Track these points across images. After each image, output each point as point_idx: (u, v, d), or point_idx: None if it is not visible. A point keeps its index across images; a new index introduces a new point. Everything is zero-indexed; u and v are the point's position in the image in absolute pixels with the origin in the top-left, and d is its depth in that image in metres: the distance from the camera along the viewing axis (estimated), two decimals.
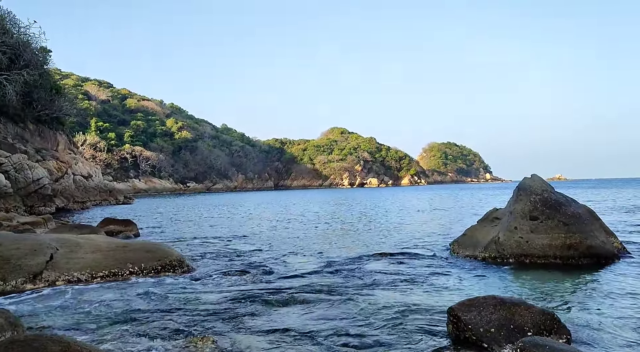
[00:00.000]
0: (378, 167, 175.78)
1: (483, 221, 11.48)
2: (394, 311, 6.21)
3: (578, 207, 10.01)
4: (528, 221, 9.66)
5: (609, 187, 78.29)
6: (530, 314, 4.66)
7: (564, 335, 4.54)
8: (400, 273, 9.04)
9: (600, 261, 9.18)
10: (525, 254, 9.41)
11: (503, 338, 4.46)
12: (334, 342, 4.96)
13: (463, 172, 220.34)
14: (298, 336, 5.25)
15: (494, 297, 4.94)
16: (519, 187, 10.44)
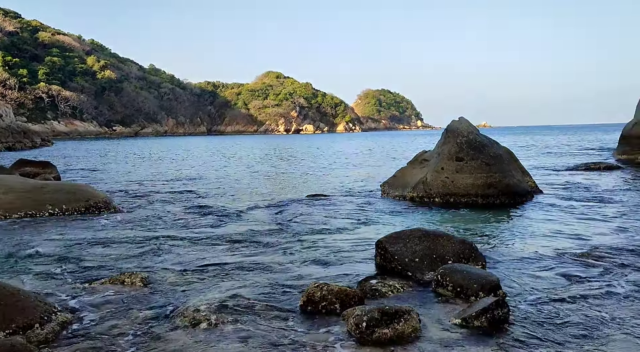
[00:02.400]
0: (314, 113, 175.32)
1: (412, 162, 11.87)
2: (326, 246, 6.37)
3: (499, 149, 10.58)
4: (454, 162, 10.10)
5: (527, 133, 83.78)
6: (451, 244, 4.94)
7: (480, 262, 4.88)
8: (332, 212, 9.24)
9: (517, 198, 9.89)
10: (450, 193, 9.91)
11: (426, 267, 4.73)
12: (267, 277, 5.02)
13: (396, 119, 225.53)
14: (230, 270, 5.26)
15: (419, 230, 5.18)
16: (447, 129, 10.80)
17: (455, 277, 4.08)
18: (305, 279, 4.90)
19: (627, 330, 3.57)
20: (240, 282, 4.85)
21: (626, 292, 4.38)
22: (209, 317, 3.74)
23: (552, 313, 3.89)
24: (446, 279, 4.13)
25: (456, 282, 4.05)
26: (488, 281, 3.99)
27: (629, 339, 3.42)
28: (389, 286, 4.36)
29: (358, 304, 3.86)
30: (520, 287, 4.54)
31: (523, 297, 4.26)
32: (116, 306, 4.13)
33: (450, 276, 4.11)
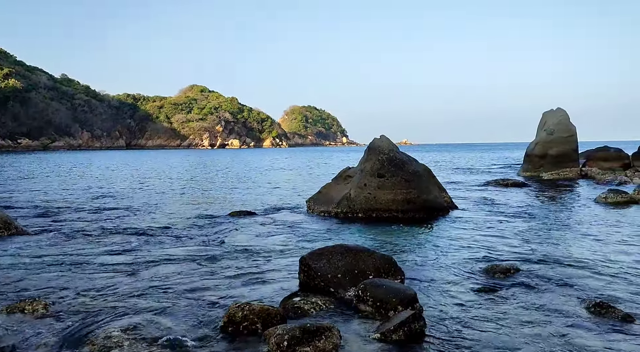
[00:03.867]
0: (240, 128, 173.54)
1: (337, 179, 12.09)
2: (250, 265, 6.26)
3: (418, 166, 11.10)
4: (376, 178, 10.43)
5: (445, 151, 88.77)
6: (372, 259, 5.06)
7: (399, 276, 5.05)
8: (257, 230, 9.13)
9: (434, 213, 10.39)
10: (372, 209, 10.20)
11: (348, 282, 4.79)
12: (187, 299, 4.82)
13: (322, 135, 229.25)
14: (146, 293, 4.98)
15: (341, 246, 5.25)
16: (369, 147, 11.16)
17: (376, 292, 4.18)
18: (228, 299, 4.77)
19: (533, 339, 3.84)
20: (157, 304, 4.62)
21: (531, 302, 4.72)
22: (122, 344, 3.51)
23: (465, 324, 4.09)
24: (367, 294, 4.21)
25: (376, 297, 4.15)
26: (406, 295, 4.13)
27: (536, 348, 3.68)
28: (312, 303, 4.36)
29: (280, 322, 3.82)
30: (436, 300, 4.74)
31: (438, 310, 4.45)
32: (14, 337, 3.75)
33: (371, 291, 4.20)
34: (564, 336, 3.83)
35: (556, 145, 20.24)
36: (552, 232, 8.60)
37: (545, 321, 4.16)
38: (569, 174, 19.54)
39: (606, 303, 4.33)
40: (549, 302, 4.67)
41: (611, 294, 4.87)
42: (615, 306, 4.34)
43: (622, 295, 4.84)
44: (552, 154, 20.24)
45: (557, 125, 20.39)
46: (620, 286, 5.17)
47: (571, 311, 4.38)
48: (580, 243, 7.56)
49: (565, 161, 20.10)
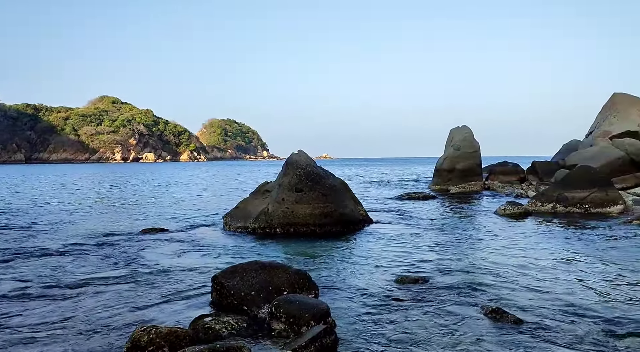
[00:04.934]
0: (155, 141, 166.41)
1: (255, 193, 11.99)
2: (160, 286, 5.98)
3: (335, 180, 11.34)
4: (294, 193, 10.49)
5: (363, 165, 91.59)
6: (287, 275, 5.06)
7: (313, 291, 5.09)
8: (169, 248, 8.77)
9: (350, 226, 10.64)
10: (290, 223, 10.22)
11: (262, 299, 4.74)
12: (89, 324, 4.48)
13: (242, 149, 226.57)
14: (44, 320, 4.56)
15: (255, 263, 5.19)
16: (287, 161, 11.22)
17: (289, 308, 4.17)
18: (133, 323, 4.50)
19: (437, 343, 4.04)
20: (57, 331, 4.25)
21: (437, 310, 4.97)
22: None
23: (375, 334, 4.22)
24: (280, 311, 4.19)
25: (289, 313, 4.14)
26: (319, 309, 4.16)
27: None
28: (224, 323, 4.25)
29: (189, 344, 3.67)
30: (349, 313, 4.84)
31: (351, 322, 4.54)
32: None
33: (284, 308, 4.18)
34: (464, 339, 4.08)
35: (462, 161, 21.70)
36: (458, 243, 9.16)
37: (449, 326, 4.41)
38: (474, 187, 21.00)
39: (501, 309, 4.69)
40: (453, 309, 4.95)
41: (507, 300, 5.27)
42: (508, 311, 4.71)
43: (515, 301, 5.26)
44: (459, 168, 21.65)
45: (462, 141, 21.89)
46: (514, 293, 5.62)
47: (472, 317, 4.68)
48: (483, 253, 8.12)
49: (470, 175, 21.58)
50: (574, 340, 4.09)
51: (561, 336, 4.19)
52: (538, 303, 5.15)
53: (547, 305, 5.08)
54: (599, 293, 5.57)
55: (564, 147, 25.76)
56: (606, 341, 4.09)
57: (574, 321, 4.56)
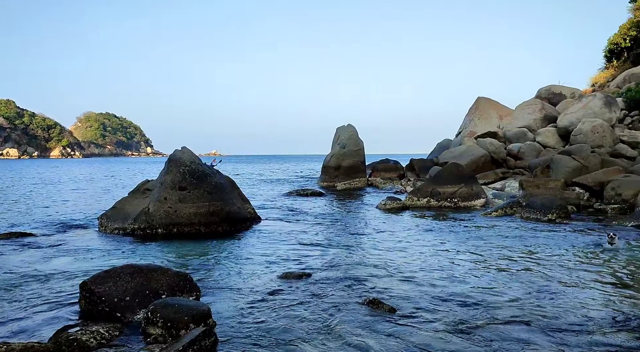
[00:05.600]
0: (19, 135, 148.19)
1: (134, 192, 11.26)
2: (20, 298, 5.33)
3: (221, 178, 11.08)
4: (177, 191, 10.04)
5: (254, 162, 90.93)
6: (166, 278, 4.82)
7: (195, 292, 4.92)
8: (34, 254, 7.86)
9: (237, 225, 10.48)
10: (173, 224, 9.76)
11: (138, 304, 4.46)
12: None
13: (123, 145, 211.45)
14: None
15: (131, 266, 4.86)
16: (170, 158, 10.70)
17: (166, 312, 3.96)
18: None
19: (319, 334, 4.14)
20: None
21: (319, 302, 5.10)
22: None
23: (258, 331, 4.20)
24: (156, 315, 3.96)
25: (167, 317, 3.94)
26: (199, 311, 4.02)
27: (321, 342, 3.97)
28: (92, 333, 3.91)
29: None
30: (232, 312, 4.76)
31: (234, 321, 4.47)
32: None
33: (161, 312, 3.97)
34: (340, 329, 4.24)
35: (348, 158, 22.60)
36: (342, 237, 9.52)
37: (328, 318, 4.55)
38: (358, 183, 22.00)
39: (377, 299, 4.97)
40: (334, 301, 5.13)
41: (385, 291, 5.60)
42: (384, 301, 5.01)
43: (393, 291, 5.61)
44: (344, 165, 22.51)
45: (348, 139, 22.81)
46: (392, 283, 5.98)
47: (351, 308, 4.89)
48: (365, 247, 8.53)
49: (355, 172, 22.56)
50: (440, 325, 4.47)
51: (429, 321, 4.56)
52: (412, 292, 5.55)
53: (420, 293, 5.49)
54: (466, 280, 6.16)
55: (438, 145, 28.11)
56: (468, 323, 4.53)
57: (443, 307, 4.99)
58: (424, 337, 4.12)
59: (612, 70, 27.78)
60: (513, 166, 20.44)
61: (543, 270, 6.63)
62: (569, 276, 6.28)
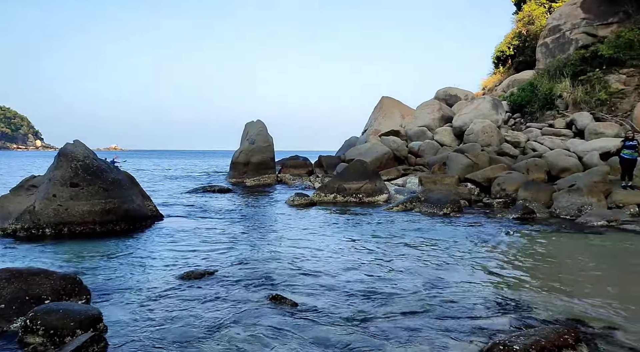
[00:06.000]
0: None
1: (17, 189, 10.18)
2: None
3: (119, 174, 10.40)
4: (68, 188, 9.25)
5: (158, 157, 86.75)
6: (50, 282, 4.42)
7: (84, 296, 4.56)
8: None
9: (137, 223, 9.91)
10: (64, 223, 8.98)
11: (15, 312, 4.03)
12: None
13: (8, 137, 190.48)
14: None
15: (7, 270, 4.39)
16: (60, 152, 9.83)
17: (48, 318, 3.63)
18: None
19: (217, 333, 4.04)
20: None
21: (222, 301, 4.99)
22: None
23: (151, 337, 4.00)
24: (37, 323, 3.61)
25: (49, 324, 3.61)
26: (87, 315, 3.74)
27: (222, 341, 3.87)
28: None
29: None
30: (124, 317, 4.49)
31: (125, 326, 4.22)
32: None
33: (42, 319, 3.63)
34: (240, 327, 4.19)
35: (257, 154, 22.40)
36: (250, 234, 9.41)
37: (229, 317, 4.48)
38: (267, 180, 21.91)
39: (280, 295, 5.00)
40: (237, 299, 5.05)
41: (290, 286, 5.63)
42: (287, 296, 5.04)
43: (297, 286, 5.66)
44: (254, 161, 22.29)
45: (257, 135, 22.61)
46: (297, 279, 6.03)
47: (254, 305, 4.85)
48: (272, 243, 8.51)
49: (265, 168, 22.43)
50: (340, 318, 4.59)
51: (330, 315, 4.67)
52: (316, 286, 5.64)
53: (323, 287, 5.61)
54: (367, 273, 6.40)
55: (345, 143, 28.90)
56: (367, 315, 4.71)
57: (344, 300, 5.13)
58: (324, 330, 4.21)
59: (499, 76, 30.48)
60: (414, 163, 21.64)
61: (438, 261, 7.09)
62: (460, 266, 6.79)
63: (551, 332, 3.56)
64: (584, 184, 12.31)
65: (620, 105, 18.88)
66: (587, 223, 10.44)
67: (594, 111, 19.12)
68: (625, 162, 12.88)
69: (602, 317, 4.66)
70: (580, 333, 3.91)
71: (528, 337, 3.51)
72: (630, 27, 20.29)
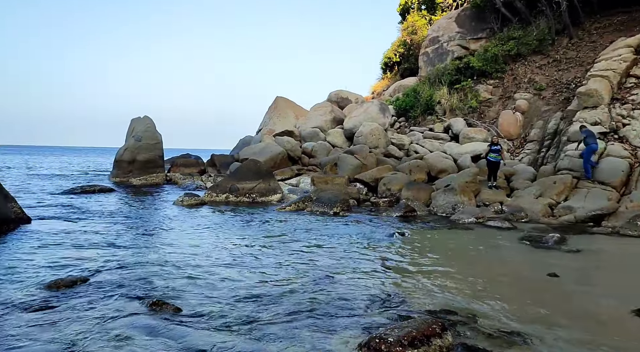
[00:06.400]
0: None
1: None
2: None
3: None
4: None
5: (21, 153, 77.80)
6: None
7: None
8: None
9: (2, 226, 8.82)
10: None
11: None
12: None
13: None
14: None
15: None
16: None
17: None
18: None
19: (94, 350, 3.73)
20: None
21: (92, 310, 4.61)
22: None
23: None
24: None
25: None
26: None
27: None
28: None
29: None
30: None
31: None
32: None
33: None
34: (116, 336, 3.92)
35: (144, 152, 21.14)
36: (132, 237, 8.84)
37: (105, 325, 4.17)
38: (155, 179, 20.81)
39: (161, 301, 4.76)
40: (114, 306, 4.71)
41: (173, 291, 5.39)
42: (169, 301, 4.82)
43: (181, 290, 5.44)
44: (140, 160, 21.01)
45: (144, 132, 21.34)
46: (182, 283, 5.79)
47: (132, 312, 4.56)
48: (156, 246, 8.08)
49: (152, 167, 21.26)
50: (225, 322, 4.51)
51: (215, 319, 4.56)
52: (201, 289, 5.47)
53: (209, 290, 5.45)
54: (255, 274, 6.36)
55: (240, 142, 28.50)
56: (252, 318, 4.68)
57: (230, 303, 5.04)
58: (206, 336, 4.10)
59: (386, 81, 32.29)
60: (307, 163, 22.04)
61: (326, 260, 7.30)
62: (347, 264, 7.06)
63: (422, 324, 3.84)
64: (457, 184, 13.53)
65: (488, 113, 21.08)
66: (459, 220, 11.49)
67: (467, 117, 21.10)
68: (491, 165, 14.42)
69: (468, 306, 5.15)
70: (447, 322, 4.28)
71: (402, 329, 3.75)
72: (495, 42, 22.76)
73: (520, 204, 12.49)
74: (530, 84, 20.27)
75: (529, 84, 20.37)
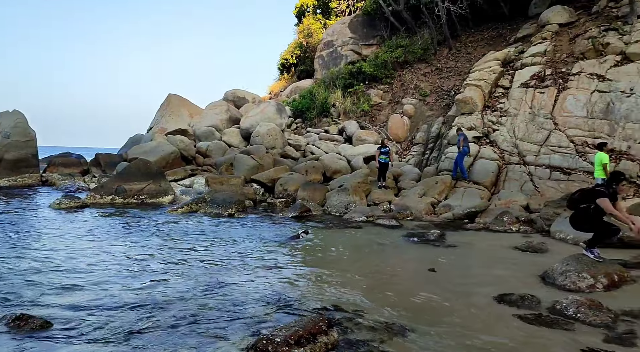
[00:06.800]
0: None
1: None
2: None
3: None
4: None
5: None
6: None
7: None
8: None
9: None
10: None
11: None
12: None
13: None
14: None
15: None
16: None
17: None
18: None
19: None
20: None
21: None
22: None
23: None
24: None
25: None
26: None
27: None
28: None
29: None
30: None
31: None
32: None
33: None
34: None
35: (13, 150, 18.91)
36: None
37: None
38: (28, 180, 18.75)
39: (26, 315, 4.28)
40: None
41: (40, 303, 4.88)
42: (38, 314, 4.36)
43: (50, 302, 4.94)
44: (9, 158, 18.76)
45: (13, 128, 19.09)
46: (50, 293, 5.28)
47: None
48: (22, 255, 7.26)
49: (24, 167, 19.11)
50: (102, 335, 4.19)
51: (91, 331, 4.22)
52: (77, 300, 5.03)
53: (87, 301, 5.03)
54: (138, 281, 5.99)
55: (129, 140, 26.75)
56: (133, 329, 4.41)
57: (110, 314, 4.69)
58: (78, 350, 3.77)
59: (283, 82, 32.53)
60: (202, 164, 21.37)
61: (217, 263, 7.13)
62: (240, 266, 6.96)
63: (309, 322, 3.91)
64: (350, 184, 14.05)
65: (379, 116, 22.22)
66: (351, 219, 11.94)
67: (359, 120, 22.03)
68: (380, 166, 15.20)
69: (354, 302, 5.36)
70: (333, 319, 4.41)
71: (289, 329, 3.79)
72: (385, 49, 24.07)
73: (406, 203, 13.33)
74: (416, 90, 21.75)
75: (415, 90, 21.84)
